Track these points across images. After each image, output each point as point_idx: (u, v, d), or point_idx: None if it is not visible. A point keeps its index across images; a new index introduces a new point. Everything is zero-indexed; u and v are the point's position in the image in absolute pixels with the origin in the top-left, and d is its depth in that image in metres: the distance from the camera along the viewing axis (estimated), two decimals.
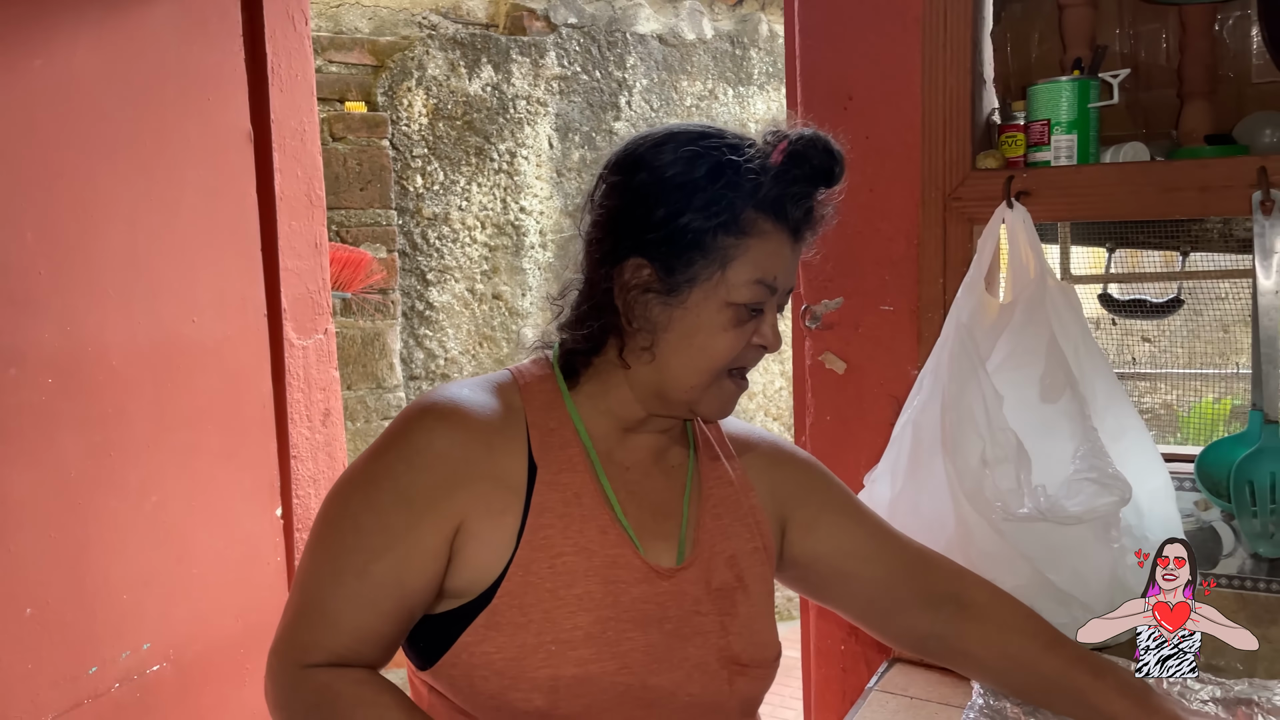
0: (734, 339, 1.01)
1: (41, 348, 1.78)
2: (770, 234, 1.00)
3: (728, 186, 0.99)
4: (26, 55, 1.75)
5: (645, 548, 1.04)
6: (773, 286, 1.01)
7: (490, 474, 1.00)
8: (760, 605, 1.10)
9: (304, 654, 0.96)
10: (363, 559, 0.96)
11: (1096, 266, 1.64)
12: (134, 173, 1.94)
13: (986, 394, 1.27)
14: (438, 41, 3.52)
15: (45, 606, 1.79)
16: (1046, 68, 1.57)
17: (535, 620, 0.97)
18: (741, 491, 1.14)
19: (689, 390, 1.03)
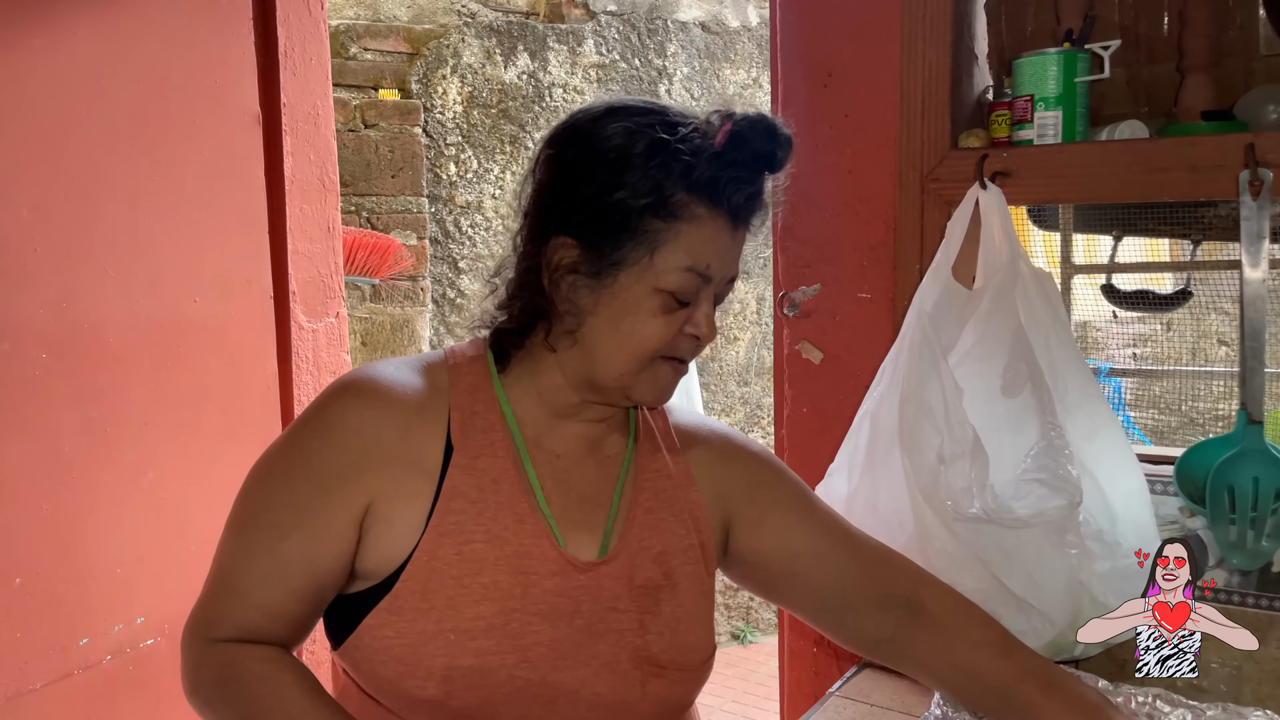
0: (663, 326, 0.96)
1: (36, 323, 1.81)
2: (704, 219, 0.94)
3: (661, 166, 0.93)
4: (26, 34, 1.78)
5: (567, 539, 1.00)
6: (706, 275, 0.96)
7: (403, 455, 0.97)
8: (689, 606, 1.04)
9: (212, 628, 0.96)
10: (273, 536, 0.95)
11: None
12: (136, 152, 1.96)
13: (946, 386, 1.20)
14: (474, 29, 3.52)
15: (35, 577, 1.82)
16: (1041, 41, 1.48)
17: (437, 607, 0.94)
18: (680, 486, 1.08)
19: (619, 377, 0.98)
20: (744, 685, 4.12)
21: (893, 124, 1.46)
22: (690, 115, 0.97)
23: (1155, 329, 2.73)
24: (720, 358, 4.49)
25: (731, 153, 0.94)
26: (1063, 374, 1.25)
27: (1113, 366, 1.83)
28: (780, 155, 0.98)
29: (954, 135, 1.44)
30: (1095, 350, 2.57)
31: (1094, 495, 1.21)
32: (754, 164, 0.96)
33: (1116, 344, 2.68)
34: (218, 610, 0.96)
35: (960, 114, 1.45)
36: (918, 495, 1.20)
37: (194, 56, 2.07)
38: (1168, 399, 1.74)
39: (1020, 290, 1.27)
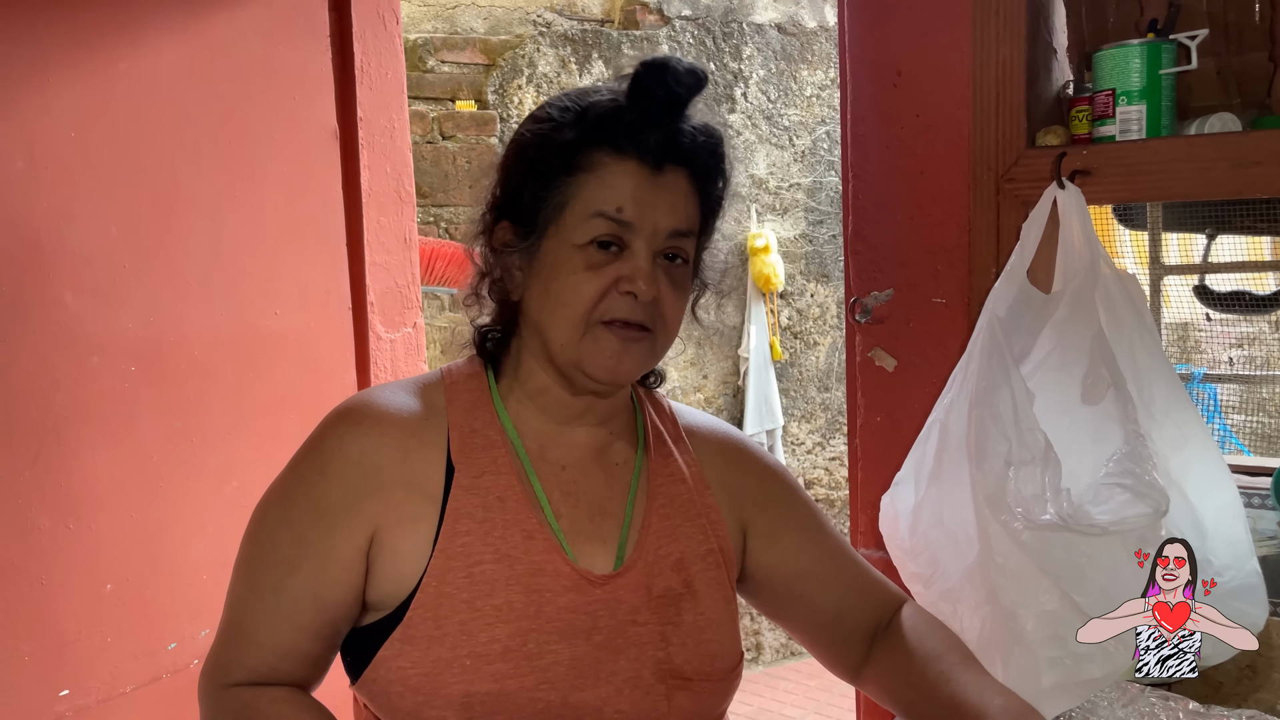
0: (589, 282, 0.93)
1: (124, 337, 1.87)
2: (609, 165, 0.94)
3: (566, 127, 0.95)
4: (112, 59, 1.85)
5: (579, 552, 0.98)
6: (618, 219, 0.93)
7: (403, 480, 0.96)
8: (712, 612, 1.02)
9: (226, 673, 0.95)
10: (278, 574, 0.94)
11: None
12: (217, 170, 2.02)
13: (1016, 391, 1.15)
14: (549, 38, 3.54)
15: (125, 583, 1.88)
16: (1123, 33, 1.41)
17: (450, 633, 0.92)
18: (696, 490, 1.06)
19: (564, 347, 0.96)
20: (828, 697, 4.05)
21: (965, 123, 1.41)
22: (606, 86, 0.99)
23: (1263, 329, 2.59)
24: (800, 363, 4.43)
25: (634, 101, 0.95)
26: (1148, 381, 1.19)
27: (1207, 372, 1.74)
28: (678, 90, 0.95)
29: (1030, 133, 1.38)
30: (1195, 354, 2.45)
31: (1182, 509, 1.15)
32: (659, 105, 0.95)
33: (1219, 346, 2.55)
34: (230, 655, 0.96)
35: (1037, 111, 1.40)
36: (982, 504, 1.15)
37: (273, 74, 2.12)
38: (1264, 404, 1.64)
39: (1101, 293, 1.21)
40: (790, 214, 4.32)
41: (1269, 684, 1.24)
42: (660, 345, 0.99)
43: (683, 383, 4.18)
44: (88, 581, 1.82)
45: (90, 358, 1.82)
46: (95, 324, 1.83)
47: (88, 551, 1.82)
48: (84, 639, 1.81)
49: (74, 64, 1.80)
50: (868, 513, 1.56)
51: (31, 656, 1.74)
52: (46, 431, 1.76)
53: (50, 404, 1.76)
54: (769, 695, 4.14)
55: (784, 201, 4.28)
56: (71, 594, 1.80)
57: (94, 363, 1.83)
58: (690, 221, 0.98)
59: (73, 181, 1.78)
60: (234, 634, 0.96)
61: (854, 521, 1.62)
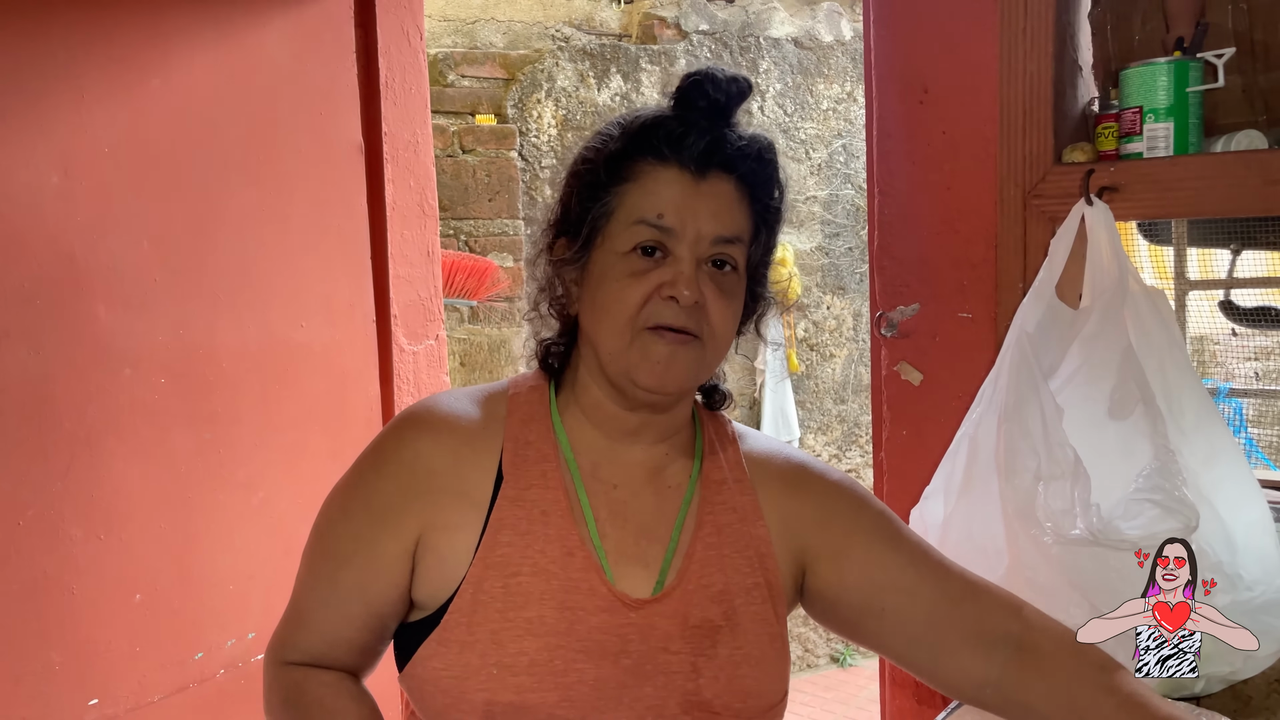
0: (632, 288, 0.94)
1: (155, 349, 1.90)
2: (651, 172, 0.96)
3: (619, 139, 0.98)
4: (145, 76, 1.88)
5: (620, 574, 0.97)
6: (659, 225, 0.94)
7: (452, 486, 0.97)
8: (751, 648, 0.99)
9: (284, 651, 1.01)
10: (333, 565, 0.99)
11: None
12: (246, 185, 2.04)
13: (1046, 407, 1.16)
14: (567, 53, 3.56)
15: (154, 593, 1.90)
16: (1150, 51, 1.42)
17: (481, 640, 0.93)
18: (746, 520, 1.04)
19: (614, 356, 0.96)
20: (844, 709, 4.04)
21: (992, 139, 1.43)
22: (661, 102, 1.01)
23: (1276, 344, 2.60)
24: (816, 375, 4.44)
25: (680, 110, 0.97)
26: (1178, 396, 1.20)
27: (1233, 387, 1.74)
28: (718, 97, 0.96)
29: (1057, 150, 1.39)
30: (1213, 368, 2.45)
31: (1213, 524, 1.15)
32: (701, 113, 0.96)
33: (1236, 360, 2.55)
34: (289, 634, 1.02)
35: (1064, 128, 1.41)
36: (1012, 518, 1.16)
37: (300, 90, 2.15)
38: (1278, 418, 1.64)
39: (1130, 309, 1.22)
40: (806, 227, 4.33)
41: None
42: (710, 354, 0.98)
43: None
44: (117, 591, 1.84)
45: (122, 370, 1.84)
46: (128, 337, 1.85)
47: (118, 562, 1.84)
48: (113, 648, 1.83)
49: (108, 80, 1.83)
50: None
51: (62, 665, 1.76)
52: (79, 443, 1.78)
53: (83, 415, 1.78)
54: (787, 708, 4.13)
55: (800, 214, 4.30)
56: (101, 604, 1.81)
57: (126, 375, 1.85)
58: (737, 228, 0.97)
59: (107, 196, 1.81)
60: (293, 615, 1.02)
61: None
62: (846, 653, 4.56)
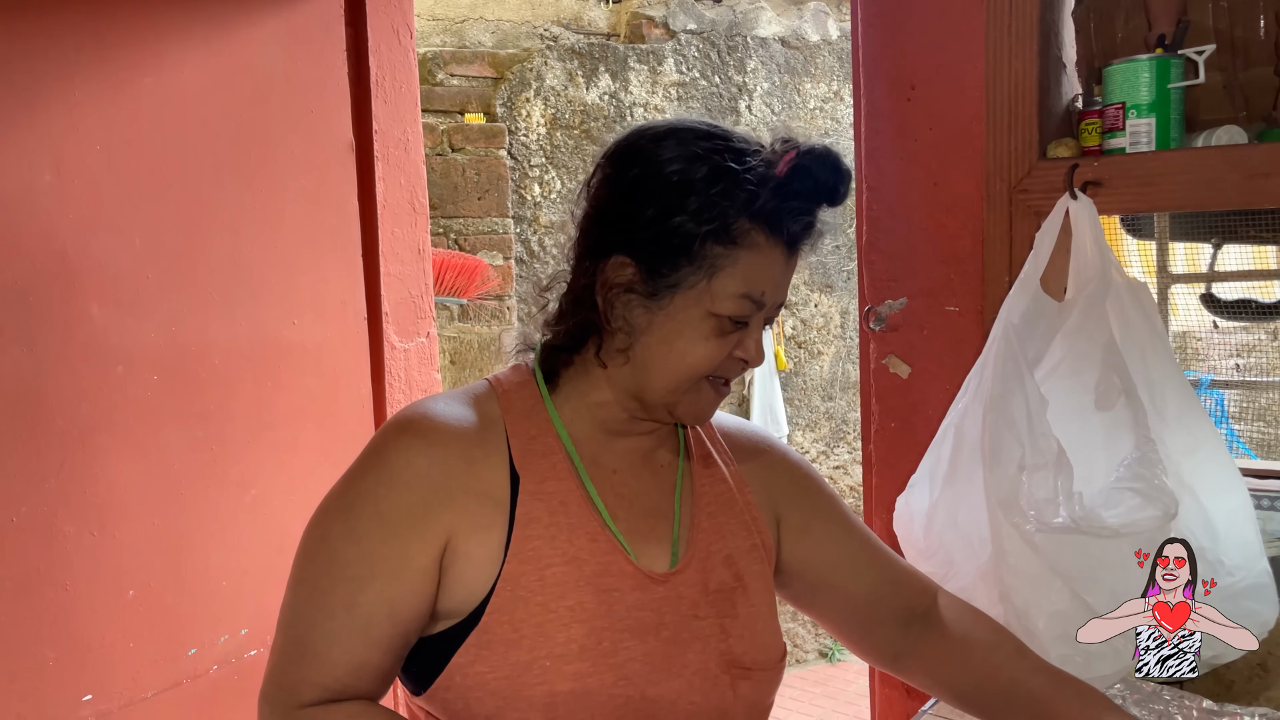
0: (715, 349, 0.97)
1: (147, 347, 1.90)
2: (763, 247, 0.96)
3: (724, 193, 0.94)
4: (137, 74, 1.88)
5: (637, 552, 1.01)
6: (760, 301, 0.97)
7: (473, 489, 0.97)
8: (761, 605, 1.06)
9: (295, 694, 0.93)
10: (349, 590, 0.93)
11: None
12: (237, 183, 2.05)
13: (1030, 398, 1.18)
14: (556, 52, 3.58)
15: (147, 589, 1.91)
16: (1132, 48, 1.45)
17: (528, 636, 0.94)
18: (737, 489, 1.10)
19: (666, 394, 0.99)
20: (833, 704, 4.07)
21: (978, 135, 1.45)
22: (753, 141, 0.99)
23: (1260, 338, 2.63)
24: (804, 372, 4.46)
25: (794, 183, 0.95)
26: (1160, 387, 1.22)
27: (1214, 378, 1.77)
28: (841, 190, 0.98)
29: (1042, 145, 1.42)
30: (1196, 361, 2.48)
31: (1195, 512, 1.18)
32: (815, 195, 0.97)
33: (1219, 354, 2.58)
34: (299, 674, 0.93)
35: (1048, 124, 1.43)
36: (996, 507, 1.18)
37: (291, 89, 2.15)
38: (1262, 412, 1.67)
39: (1113, 301, 1.24)
40: None
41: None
42: None
43: None
44: (111, 588, 1.85)
45: (115, 368, 1.85)
46: (120, 335, 1.86)
47: (111, 558, 1.85)
48: (107, 644, 1.84)
49: (100, 79, 1.83)
50: (882, 515, 1.59)
51: (55, 662, 1.77)
52: (72, 440, 1.79)
53: (76, 413, 1.79)
54: (775, 703, 4.15)
55: None
56: (95, 600, 1.82)
57: (119, 373, 1.86)
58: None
59: (99, 194, 1.81)
60: (301, 653, 0.93)
61: (868, 524, 1.65)
62: (835, 648, 4.58)
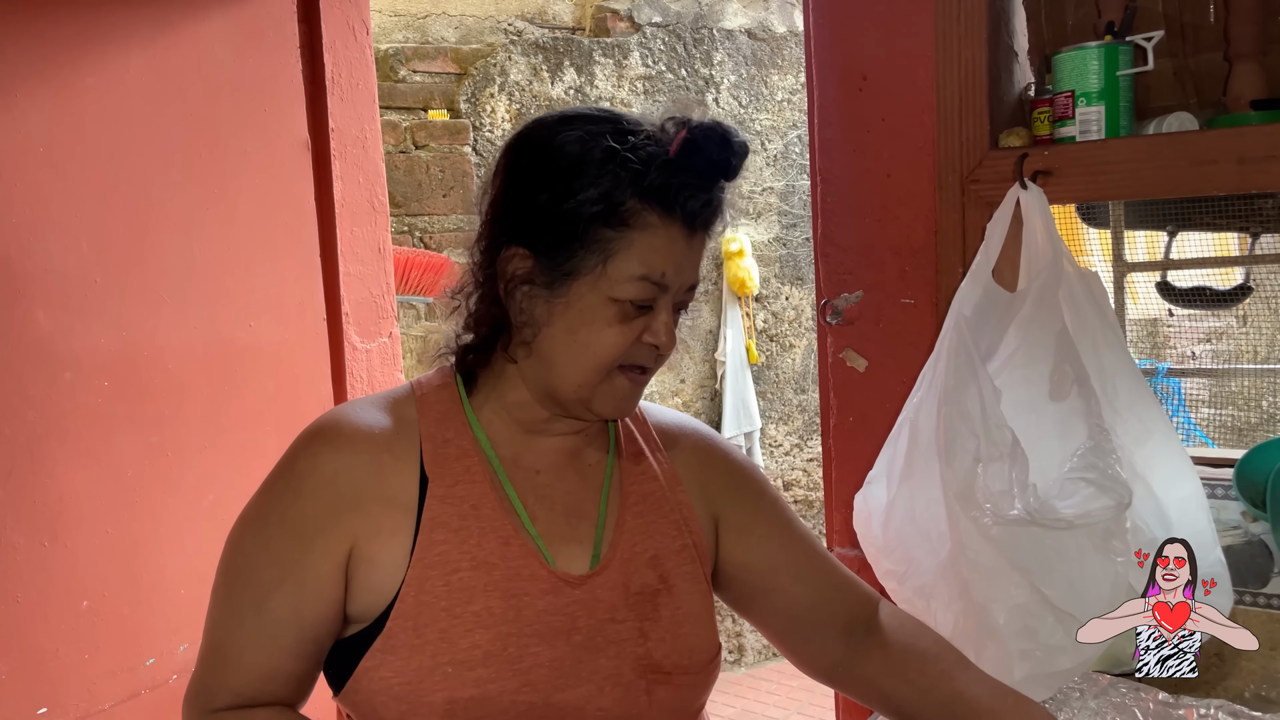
0: (620, 335, 0.95)
1: (97, 352, 1.87)
2: (657, 227, 0.94)
3: (612, 175, 0.93)
4: (79, 74, 1.84)
5: (556, 554, 0.99)
6: (661, 283, 0.95)
7: (379, 494, 0.96)
8: (689, 607, 1.03)
9: (209, 698, 0.96)
10: (258, 596, 0.95)
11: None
12: (189, 183, 2.02)
13: (984, 389, 1.17)
14: (520, 47, 3.55)
15: (102, 600, 1.88)
16: (1082, 35, 1.44)
17: (431, 641, 0.93)
18: (668, 487, 1.08)
19: (578, 389, 0.97)
20: (810, 697, 4.07)
21: (930, 125, 1.43)
22: (645, 122, 0.98)
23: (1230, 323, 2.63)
24: (776, 365, 4.46)
25: (685, 160, 0.94)
26: (1112, 377, 1.21)
27: (1171, 366, 1.77)
28: (735, 163, 0.97)
29: (994, 135, 1.41)
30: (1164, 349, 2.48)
31: (1147, 500, 1.17)
32: (708, 172, 0.96)
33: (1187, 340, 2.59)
34: (213, 679, 0.96)
35: (1000, 113, 1.42)
36: (953, 501, 1.17)
37: (243, 86, 2.12)
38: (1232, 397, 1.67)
39: (1064, 291, 1.23)
40: (764, 218, 4.34)
41: (1237, 671, 1.26)
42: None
43: (660, 387, 4.19)
44: (64, 598, 1.82)
45: (63, 374, 1.81)
46: (68, 340, 1.82)
47: (64, 568, 1.82)
48: (61, 656, 1.80)
49: (41, 80, 1.79)
50: (842, 511, 1.58)
51: (9, 675, 1.73)
52: (20, 449, 1.75)
53: (23, 421, 1.75)
54: (751, 697, 4.16)
55: (757, 206, 4.31)
56: (48, 611, 1.79)
57: (67, 379, 1.82)
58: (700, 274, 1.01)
59: (42, 197, 1.77)
60: (216, 659, 0.96)
61: (829, 520, 1.64)
62: None
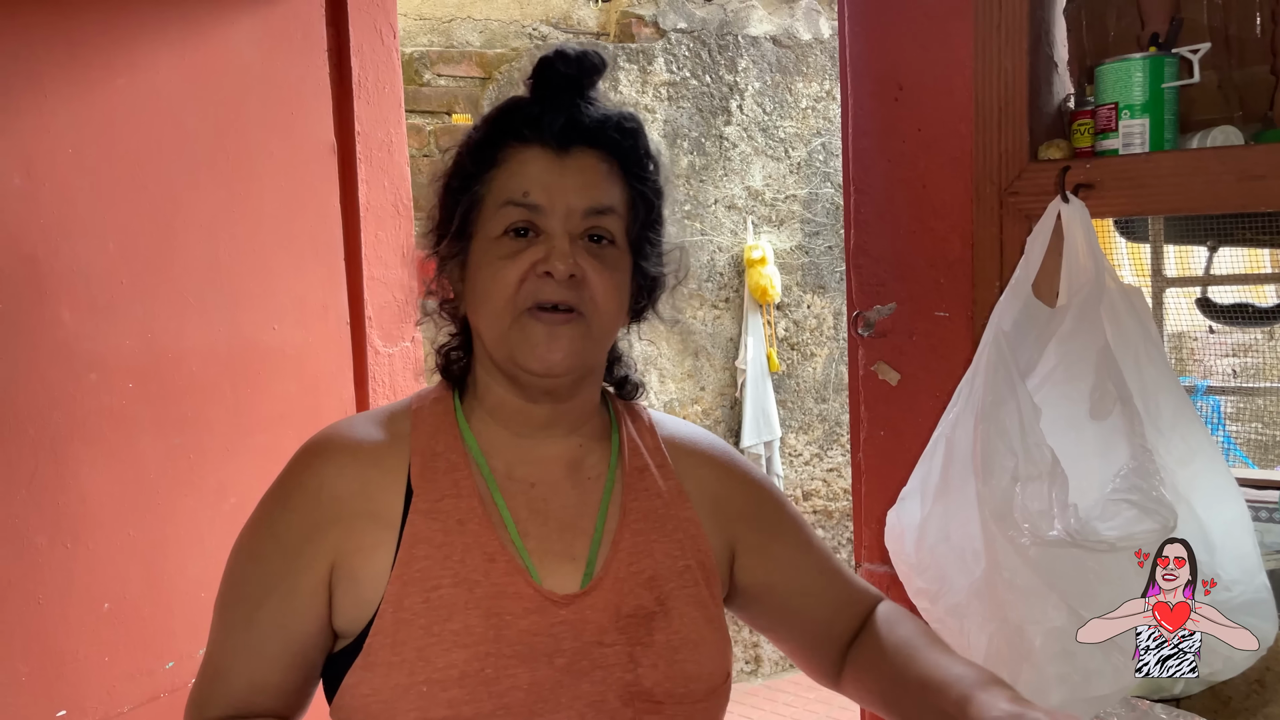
0: (506, 269, 0.94)
1: (122, 353, 1.86)
2: (516, 155, 0.96)
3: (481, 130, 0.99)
4: (109, 75, 1.84)
5: (547, 571, 0.96)
6: (527, 203, 0.94)
7: (361, 509, 0.96)
8: (688, 631, 0.98)
9: (203, 708, 0.97)
10: (247, 609, 0.96)
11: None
12: (215, 185, 2.01)
13: (1023, 406, 1.14)
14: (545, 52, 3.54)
15: (123, 602, 1.87)
16: (1125, 47, 1.41)
17: (408, 659, 0.91)
18: (673, 504, 1.03)
19: (497, 342, 0.96)
20: (826, 709, 4.04)
21: (968, 136, 1.41)
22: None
23: (1256, 338, 2.60)
24: (797, 374, 4.43)
25: (539, 89, 0.97)
26: (1155, 395, 1.19)
27: (1210, 384, 1.74)
28: (570, 72, 0.97)
29: (1033, 147, 1.38)
30: (1191, 364, 2.45)
31: (1190, 523, 1.14)
32: (562, 87, 0.96)
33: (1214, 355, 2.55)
34: (208, 689, 0.97)
35: (1039, 124, 1.40)
36: (989, 519, 1.15)
37: (270, 89, 2.11)
38: (1271, 415, 1.64)
39: (1107, 307, 1.21)
40: (786, 226, 4.32)
41: (1278, 698, 1.24)
42: (596, 329, 0.97)
43: (680, 395, 4.17)
44: (85, 600, 1.81)
45: (88, 375, 1.81)
46: (93, 341, 1.82)
47: (85, 570, 1.81)
48: (81, 658, 1.80)
49: (71, 80, 1.79)
50: (871, 527, 1.56)
51: (29, 676, 1.73)
52: (44, 449, 1.74)
53: (47, 421, 1.75)
54: (769, 708, 4.13)
55: (780, 213, 4.28)
56: (69, 613, 1.78)
57: (91, 380, 1.82)
58: (609, 199, 0.97)
59: (70, 198, 1.77)
60: (211, 669, 0.98)
61: (858, 536, 1.62)
62: None
